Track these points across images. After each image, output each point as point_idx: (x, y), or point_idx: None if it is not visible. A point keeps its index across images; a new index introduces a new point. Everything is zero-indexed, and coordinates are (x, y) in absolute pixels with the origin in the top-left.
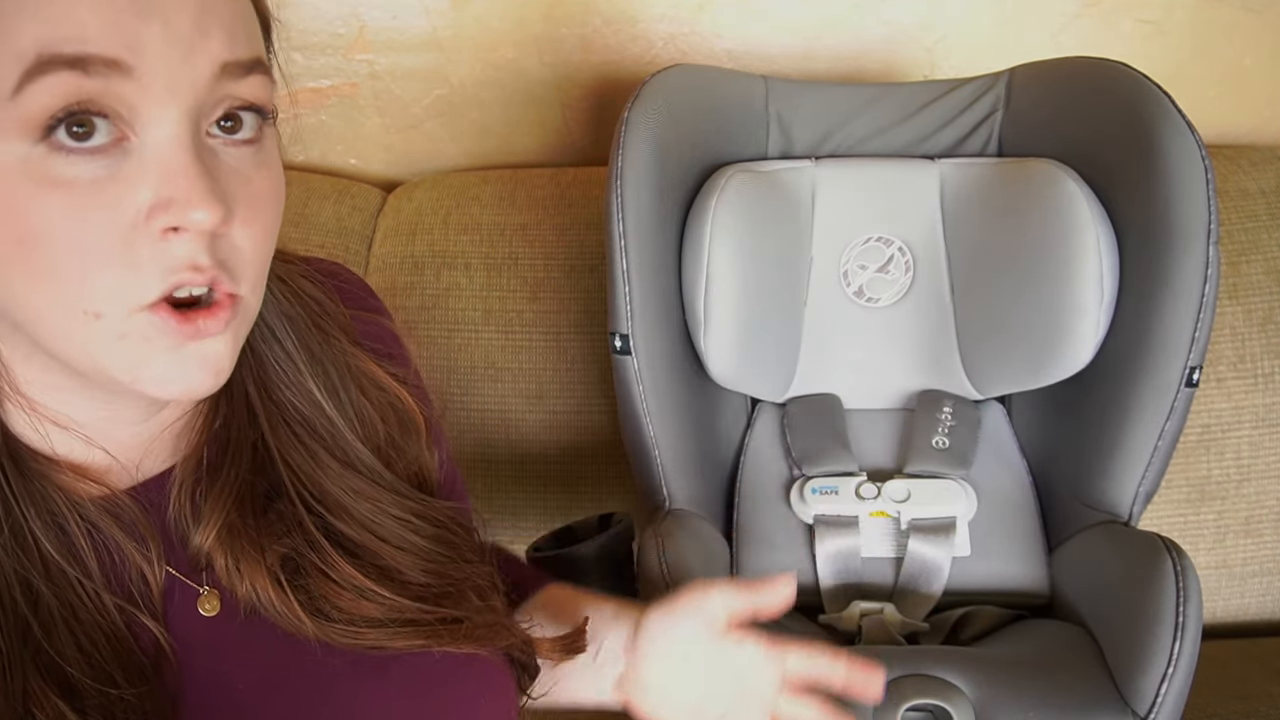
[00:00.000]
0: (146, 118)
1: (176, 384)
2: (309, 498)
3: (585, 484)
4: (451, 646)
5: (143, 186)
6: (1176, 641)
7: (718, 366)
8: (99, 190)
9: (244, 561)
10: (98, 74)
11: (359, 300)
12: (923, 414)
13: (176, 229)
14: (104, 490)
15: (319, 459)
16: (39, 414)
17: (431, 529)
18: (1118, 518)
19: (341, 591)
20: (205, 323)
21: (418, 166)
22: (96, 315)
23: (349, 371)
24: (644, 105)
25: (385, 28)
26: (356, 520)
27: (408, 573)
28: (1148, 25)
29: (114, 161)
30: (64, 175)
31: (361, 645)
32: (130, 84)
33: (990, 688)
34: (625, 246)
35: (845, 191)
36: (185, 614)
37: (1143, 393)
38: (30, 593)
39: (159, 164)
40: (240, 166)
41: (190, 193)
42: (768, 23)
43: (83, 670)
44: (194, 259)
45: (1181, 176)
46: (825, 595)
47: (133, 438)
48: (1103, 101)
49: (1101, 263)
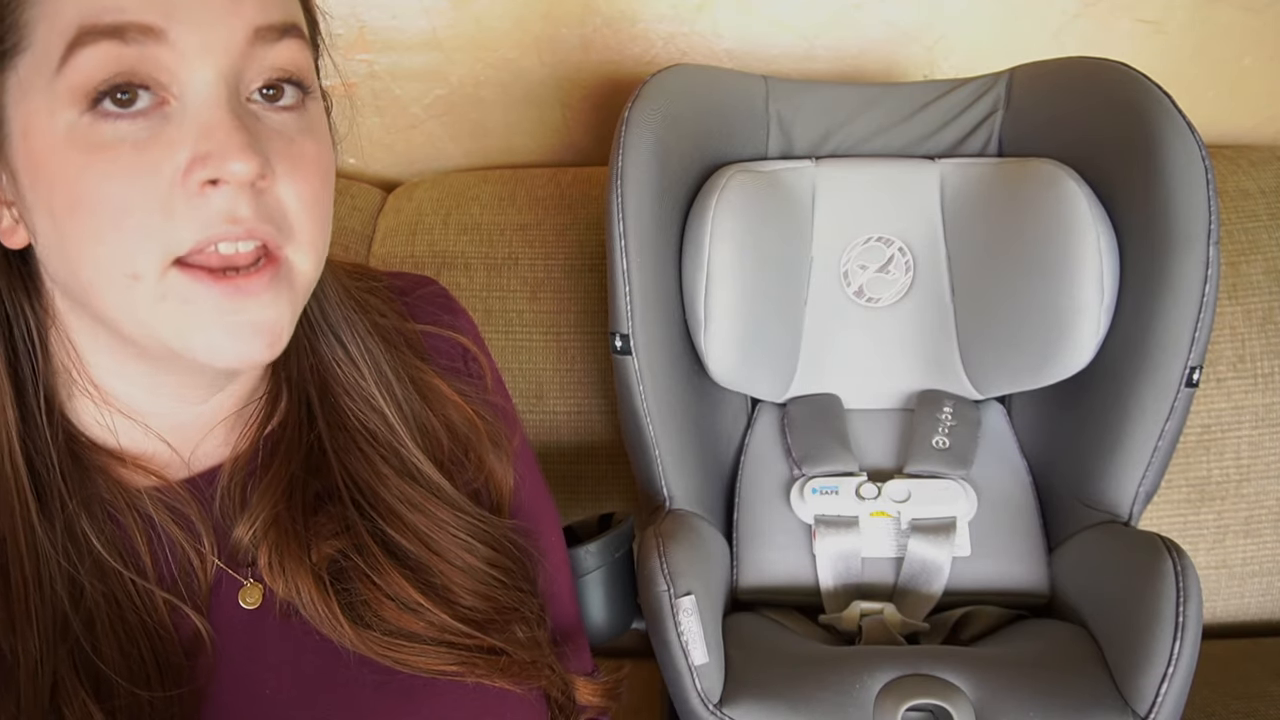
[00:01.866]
0: (184, 81)
1: (228, 351)
2: (363, 502)
3: (585, 484)
4: (486, 679)
5: (182, 146)
6: (1177, 641)
7: (718, 366)
8: (141, 152)
9: (288, 558)
10: (135, 40)
11: (432, 316)
12: (923, 414)
13: (215, 182)
14: (160, 481)
15: (376, 467)
16: (109, 405)
17: (488, 550)
18: (1118, 518)
19: (384, 600)
20: (245, 282)
21: (417, 166)
22: (136, 276)
23: (413, 383)
24: (644, 105)
25: (385, 27)
26: (410, 530)
27: (457, 592)
28: (1148, 25)
29: (155, 124)
30: (108, 139)
31: (395, 658)
32: (166, 49)
33: (990, 688)
34: (625, 246)
35: (845, 191)
36: (227, 605)
37: (1143, 393)
38: (75, 589)
39: (197, 123)
40: (283, 129)
41: (226, 145)
42: (768, 22)
43: (119, 670)
44: (233, 211)
45: (1182, 177)
46: (825, 595)
47: (193, 421)
48: (1103, 102)
49: (1102, 263)
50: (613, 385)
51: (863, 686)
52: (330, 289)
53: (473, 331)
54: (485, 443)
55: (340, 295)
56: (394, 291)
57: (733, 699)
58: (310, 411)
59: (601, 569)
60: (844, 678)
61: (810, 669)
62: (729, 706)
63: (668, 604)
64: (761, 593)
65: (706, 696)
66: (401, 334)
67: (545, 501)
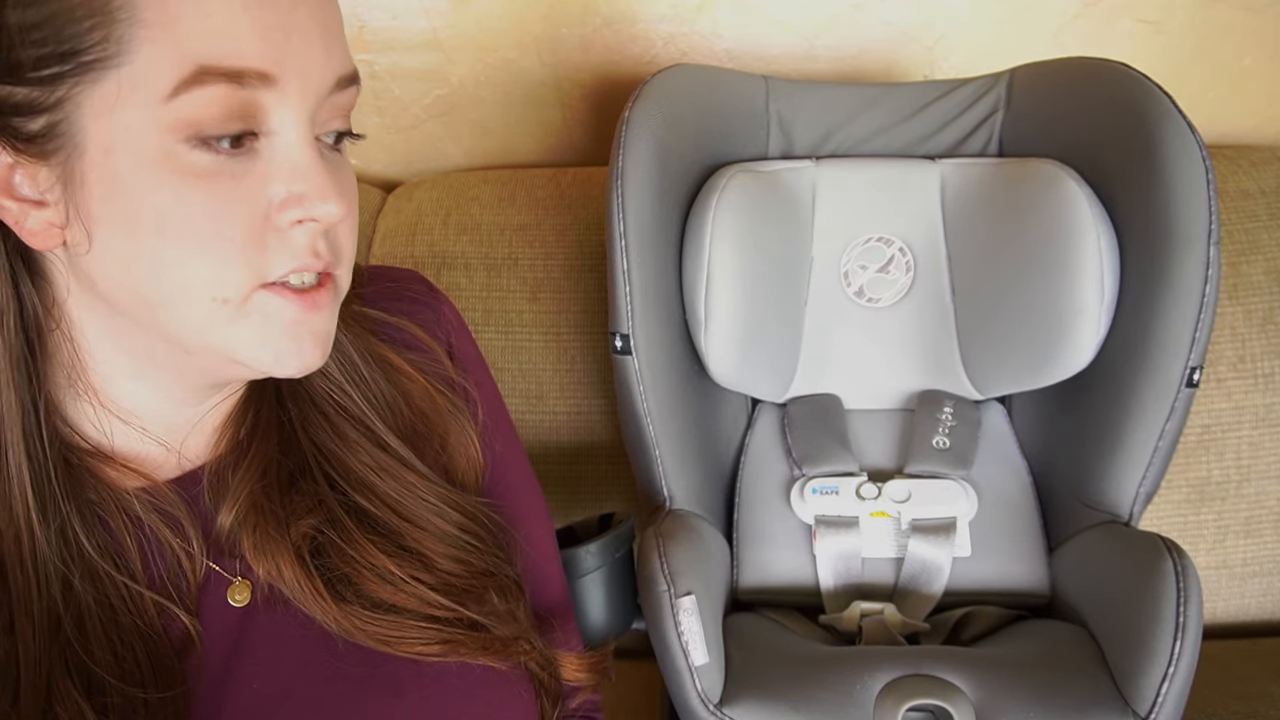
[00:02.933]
0: (277, 121)
1: (293, 360)
2: (333, 474)
3: (585, 484)
4: (470, 657)
5: (274, 182)
6: (1177, 641)
7: (718, 366)
8: (237, 183)
9: (268, 539)
10: (250, 85)
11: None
12: (923, 414)
13: (301, 221)
14: (148, 482)
15: (346, 436)
16: (105, 408)
17: (459, 516)
18: (1118, 518)
19: (363, 573)
20: (318, 296)
21: (417, 166)
22: (225, 301)
23: (371, 357)
24: (644, 105)
25: (385, 28)
26: (380, 498)
27: (432, 557)
28: (1148, 25)
29: (247, 158)
30: (207, 168)
31: (379, 635)
32: (273, 94)
33: (991, 688)
34: (626, 246)
35: (846, 192)
36: (216, 604)
37: (1143, 393)
38: (68, 590)
39: (288, 163)
40: (340, 167)
41: (322, 189)
42: (768, 22)
43: (110, 671)
44: (314, 246)
45: (1182, 177)
46: (825, 596)
47: (185, 420)
48: (1103, 102)
49: (1102, 263)
50: (613, 385)
51: (863, 686)
52: None
53: (453, 319)
54: (444, 415)
55: None
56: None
57: (733, 699)
58: (277, 390)
59: (602, 569)
60: (844, 678)
61: (811, 669)
62: (729, 707)
63: (668, 604)
64: (762, 593)
65: (706, 696)
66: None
67: (524, 471)
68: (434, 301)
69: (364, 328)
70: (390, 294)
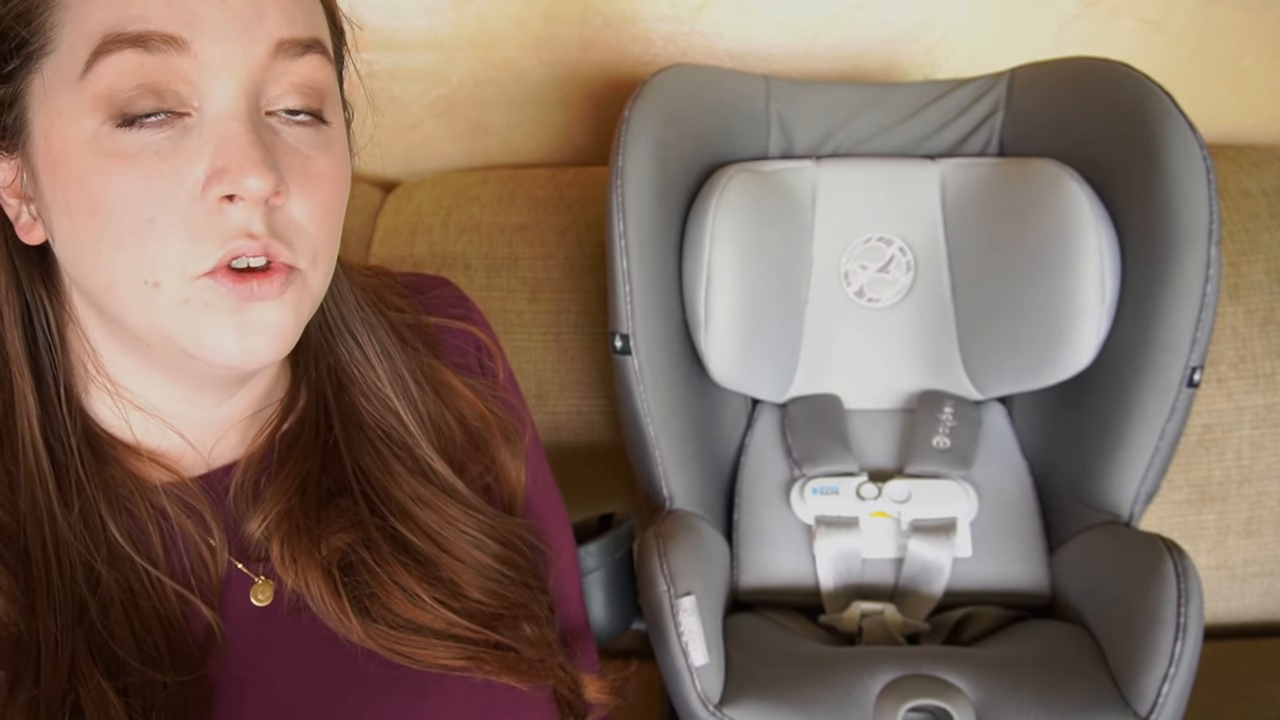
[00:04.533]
0: (205, 93)
1: (235, 350)
2: (374, 498)
3: (585, 484)
4: (494, 675)
5: (200, 158)
6: (1178, 642)
7: (718, 367)
8: (162, 162)
9: (299, 552)
10: (158, 50)
11: (447, 313)
12: (923, 414)
13: (232, 197)
14: (175, 477)
15: (389, 466)
16: (123, 398)
17: (498, 547)
18: (1119, 518)
19: (392, 593)
20: (259, 285)
21: (417, 166)
22: (156, 284)
23: (427, 380)
24: (645, 105)
25: (385, 27)
26: (420, 527)
27: (465, 587)
28: (1148, 25)
29: (176, 135)
30: (130, 148)
31: (402, 652)
32: (188, 60)
33: (991, 688)
34: (626, 246)
35: (846, 191)
36: (239, 602)
37: (1144, 393)
38: (92, 574)
39: (216, 136)
40: (300, 145)
41: (243, 161)
42: (768, 22)
43: (132, 654)
44: (248, 226)
45: (1183, 177)
46: (825, 596)
47: (207, 421)
48: (1104, 102)
49: (1103, 263)
50: (613, 385)
51: (863, 687)
52: (346, 290)
53: (488, 331)
54: (498, 439)
55: (358, 296)
56: (409, 289)
57: (733, 699)
58: (327, 411)
59: (602, 569)
60: (844, 678)
61: (811, 669)
62: (729, 707)
63: (668, 604)
64: (762, 593)
65: (706, 697)
66: (416, 330)
67: (555, 501)
68: (470, 309)
69: (423, 341)
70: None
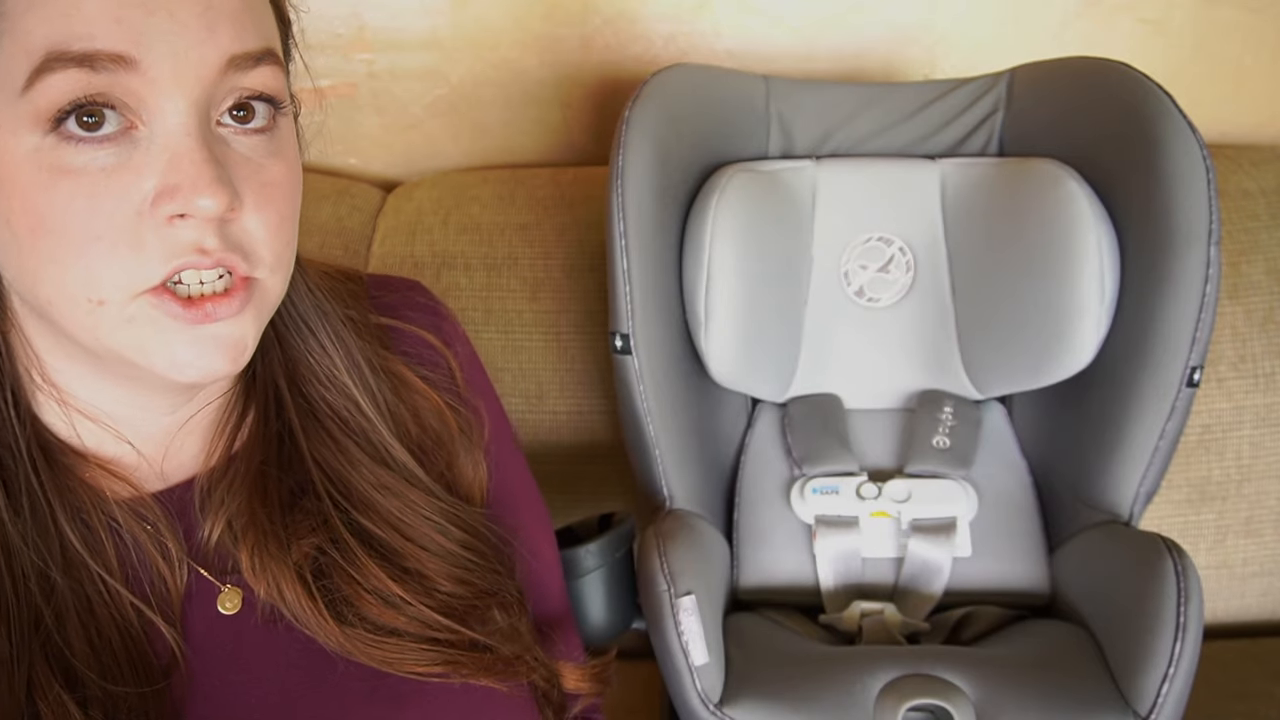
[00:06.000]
0: (154, 108)
1: (192, 366)
2: (335, 494)
3: (585, 484)
4: (471, 677)
5: (150, 174)
6: (1178, 642)
7: (718, 366)
8: (108, 178)
9: (269, 558)
10: (105, 69)
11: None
12: (923, 414)
13: (183, 215)
14: (132, 492)
15: (349, 453)
16: (69, 406)
17: (461, 534)
18: (1118, 518)
19: (365, 595)
20: (215, 306)
21: (417, 166)
22: (100, 302)
23: (381, 370)
24: (645, 105)
25: (385, 27)
26: (383, 518)
27: (433, 577)
28: (1148, 25)
29: (123, 150)
30: (74, 164)
31: (380, 657)
32: (137, 77)
33: (991, 688)
34: (626, 246)
35: (846, 191)
36: (204, 614)
37: (1143, 393)
38: (46, 583)
39: (166, 152)
40: (252, 154)
41: (196, 180)
42: (768, 22)
43: (89, 664)
44: (200, 242)
45: (1182, 177)
46: (825, 595)
47: (160, 430)
48: (1104, 101)
49: (1102, 263)
50: (613, 385)
51: (863, 686)
52: (299, 282)
53: (453, 331)
54: (454, 434)
55: (308, 283)
56: (378, 289)
57: (733, 699)
58: (280, 402)
59: (601, 569)
60: (844, 678)
61: (811, 669)
62: (729, 706)
63: (668, 604)
64: (762, 593)
65: (706, 696)
66: (369, 327)
67: (530, 495)
68: (439, 313)
69: (375, 337)
70: (398, 304)
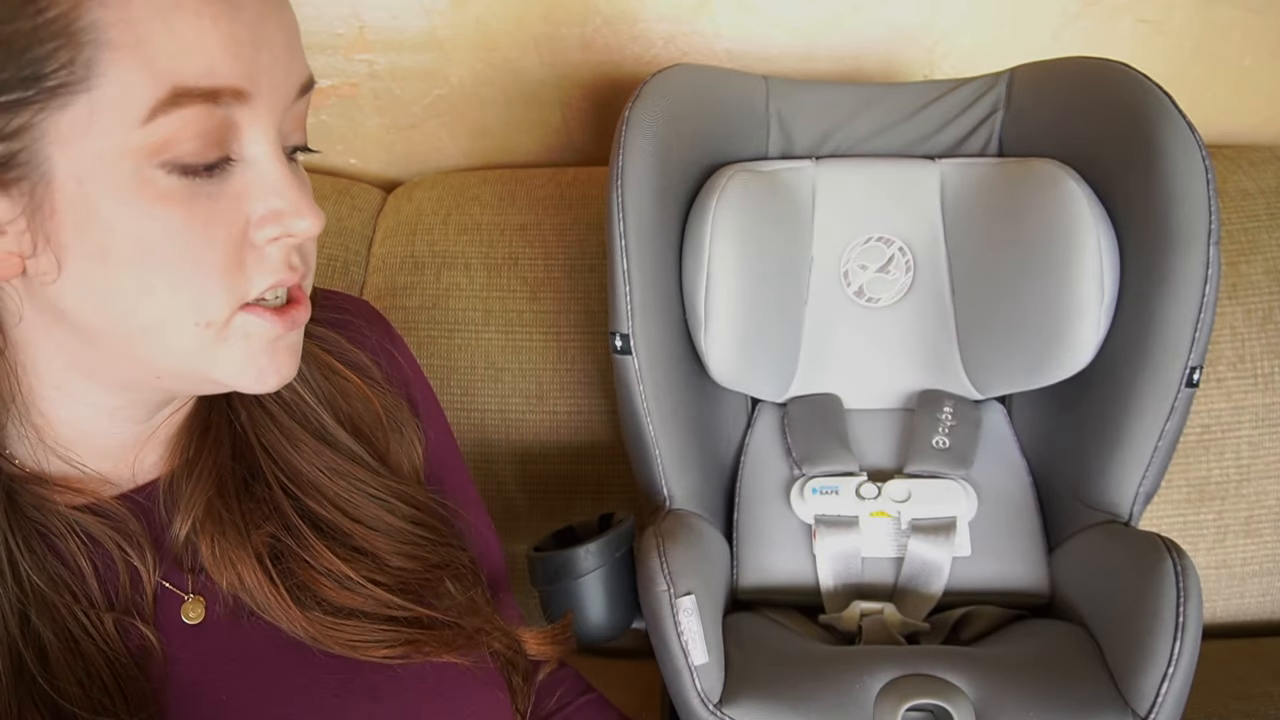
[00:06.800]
0: (249, 138)
1: (273, 376)
2: (284, 479)
3: (586, 484)
4: (434, 655)
5: (251, 201)
6: (1177, 642)
7: (718, 366)
8: (214, 205)
9: (228, 545)
10: (226, 103)
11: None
12: (923, 414)
13: (278, 238)
14: (94, 499)
15: (293, 436)
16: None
17: (408, 509)
18: (1118, 518)
19: (320, 579)
20: (296, 313)
21: (418, 166)
22: (208, 325)
23: (313, 359)
24: (644, 105)
25: (385, 27)
26: (329, 500)
27: (384, 556)
28: (1148, 25)
29: (223, 178)
30: (182, 192)
31: (342, 639)
32: (247, 110)
33: (991, 688)
34: (626, 247)
35: (846, 191)
36: (170, 622)
37: (1143, 393)
38: (25, 625)
39: (263, 180)
40: (303, 179)
41: (298, 204)
42: (768, 22)
43: (80, 703)
44: (290, 259)
45: (1182, 177)
46: (825, 595)
47: (135, 435)
48: (1104, 102)
49: (1102, 263)
50: (613, 385)
51: (863, 687)
52: None
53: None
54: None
55: None
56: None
57: (733, 699)
58: (227, 397)
59: (601, 569)
60: (844, 678)
61: (810, 669)
62: (729, 706)
63: (668, 604)
64: (762, 592)
65: (706, 696)
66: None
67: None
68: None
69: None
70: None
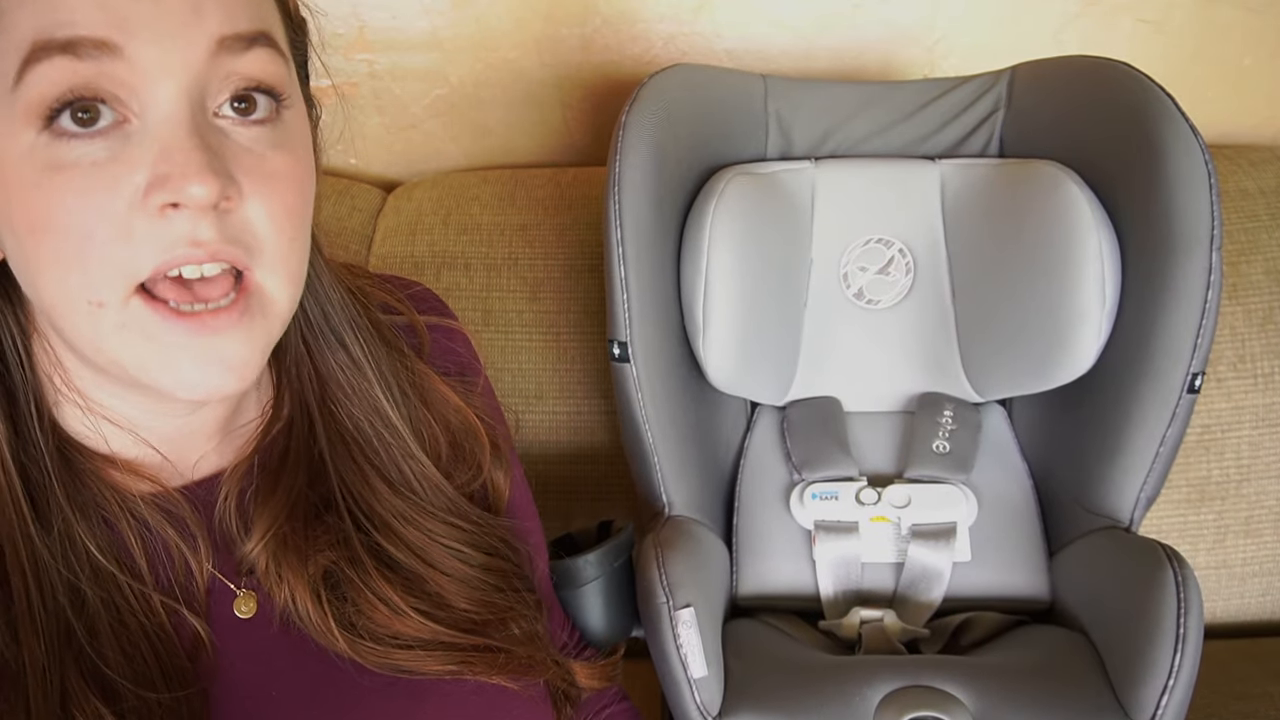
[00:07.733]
0: (146, 100)
1: (197, 385)
2: (359, 514)
3: (585, 485)
4: (484, 676)
5: (141, 166)
6: (1178, 654)
7: (717, 371)
8: (100, 172)
9: (287, 568)
10: (89, 56)
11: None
12: (923, 417)
13: (175, 205)
14: (156, 487)
15: (369, 480)
16: (94, 412)
17: (482, 557)
18: (1119, 523)
19: (376, 609)
20: (213, 320)
21: (418, 166)
22: (100, 304)
23: (412, 388)
24: (642, 108)
25: (385, 27)
26: (404, 542)
27: (451, 599)
28: (1148, 25)
29: (116, 144)
30: (67, 159)
31: (392, 665)
32: (123, 64)
33: (991, 698)
34: (624, 254)
35: (845, 192)
36: (222, 613)
37: (1144, 398)
38: (76, 595)
39: (157, 142)
40: (254, 146)
41: (185, 167)
42: (768, 22)
43: (123, 673)
44: (194, 234)
45: (1184, 181)
46: (825, 601)
47: (177, 431)
48: (1105, 102)
49: (1103, 267)
50: (612, 386)
51: (863, 699)
52: (329, 286)
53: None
54: (484, 445)
55: (344, 296)
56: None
57: (732, 711)
58: (311, 421)
59: (601, 578)
60: (844, 689)
61: (810, 679)
62: (728, 718)
63: (666, 616)
64: (761, 599)
65: (705, 709)
66: (408, 331)
67: (528, 496)
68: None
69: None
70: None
